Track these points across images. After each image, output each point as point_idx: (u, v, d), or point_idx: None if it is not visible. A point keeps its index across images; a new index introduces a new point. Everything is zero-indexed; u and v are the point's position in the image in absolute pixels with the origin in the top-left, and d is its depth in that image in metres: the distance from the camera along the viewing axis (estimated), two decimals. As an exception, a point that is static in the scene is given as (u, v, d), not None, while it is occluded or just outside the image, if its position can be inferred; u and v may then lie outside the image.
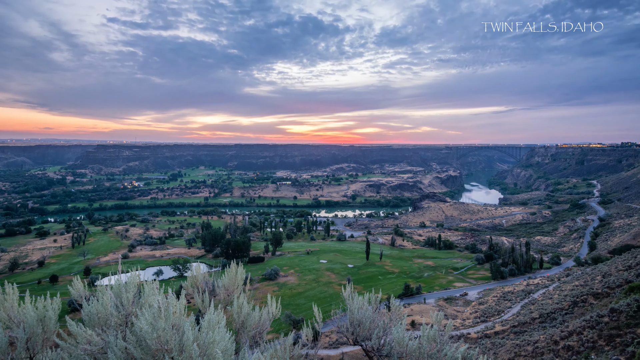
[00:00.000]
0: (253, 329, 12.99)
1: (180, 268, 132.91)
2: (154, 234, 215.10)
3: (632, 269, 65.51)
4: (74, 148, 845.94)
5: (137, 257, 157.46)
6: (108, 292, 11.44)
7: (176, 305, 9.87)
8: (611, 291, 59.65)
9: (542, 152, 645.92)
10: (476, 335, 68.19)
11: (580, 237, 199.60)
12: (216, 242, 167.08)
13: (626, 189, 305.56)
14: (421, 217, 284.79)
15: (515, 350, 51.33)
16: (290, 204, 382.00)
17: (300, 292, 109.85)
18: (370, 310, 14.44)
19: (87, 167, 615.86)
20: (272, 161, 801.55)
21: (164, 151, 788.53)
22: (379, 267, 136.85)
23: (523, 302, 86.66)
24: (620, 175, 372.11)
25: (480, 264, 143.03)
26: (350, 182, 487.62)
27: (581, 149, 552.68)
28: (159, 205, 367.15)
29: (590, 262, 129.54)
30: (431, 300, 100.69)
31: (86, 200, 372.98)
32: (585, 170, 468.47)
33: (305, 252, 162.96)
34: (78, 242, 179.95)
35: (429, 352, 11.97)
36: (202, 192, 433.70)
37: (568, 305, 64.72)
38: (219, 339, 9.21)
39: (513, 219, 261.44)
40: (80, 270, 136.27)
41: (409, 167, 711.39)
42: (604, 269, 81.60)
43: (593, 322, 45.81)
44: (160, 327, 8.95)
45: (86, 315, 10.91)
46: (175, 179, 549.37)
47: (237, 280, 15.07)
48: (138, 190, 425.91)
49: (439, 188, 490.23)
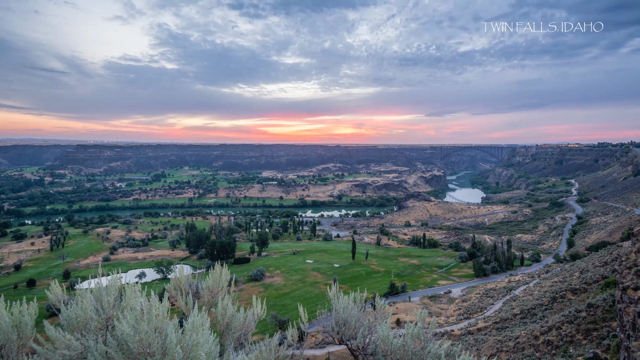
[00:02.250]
0: (238, 330, 12.90)
1: (163, 270, 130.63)
2: (137, 235, 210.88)
3: (608, 265, 67.80)
4: (52, 148, 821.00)
5: (119, 260, 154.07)
6: (88, 295, 11.18)
7: (159, 307, 9.72)
8: (588, 287, 61.59)
9: (523, 152, 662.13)
10: (459, 332, 69.36)
11: (559, 234, 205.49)
12: (201, 244, 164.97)
13: (602, 188, 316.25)
14: (406, 216, 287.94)
15: (497, 346, 52.43)
16: (276, 204, 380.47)
17: (286, 292, 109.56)
18: (355, 310, 14.53)
19: (66, 168, 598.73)
20: (258, 161, 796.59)
21: (147, 151, 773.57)
22: (364, 267, 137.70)
23: (505, 298, 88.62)
24: (597, 175, 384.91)
25: (464, 261, 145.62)
26: (337, 182, 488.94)
27: (560, 148, 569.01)
28: (142, 207, 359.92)
29: (569, 259, 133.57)
30: (416, 298, 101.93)
31: (65, 202, 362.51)
32: (564, 170, 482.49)
33: (292, 253, 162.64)
34: (57, 245, 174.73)
35: (413, 349, 12.12)
36: (187, 192, 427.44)
37: (548, 301, 66.52)
38: (203, 341, 9.12)
39: (495, 217, 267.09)
40: (59, 273, 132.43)
41: (394, 166, 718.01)
42: (582, 266, 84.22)
43: (571, 317, 47.22)
44: (143, 330, 8.80)
45: (65, 320, 10.63)
46: (158, 179, 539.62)
47: (222, 282, 14.92)
48: (120, 191, 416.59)
49: (423, 187, 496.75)
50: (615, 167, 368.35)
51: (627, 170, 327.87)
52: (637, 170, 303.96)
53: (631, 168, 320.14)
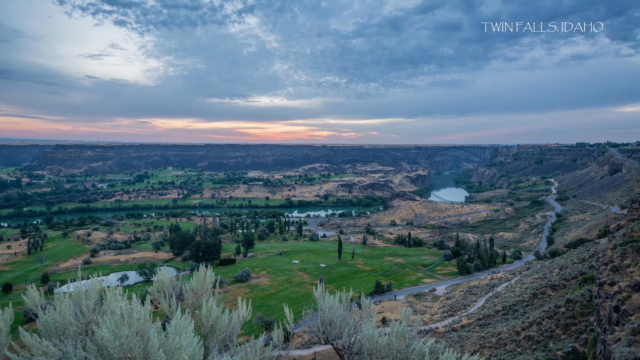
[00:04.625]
0: (222, 332, 12.76)
1: (146, 273, 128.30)
2: (119, 237, 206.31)
3: (585, 261, 69.95)
4: (30, 148, 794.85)
5: (100, 263, 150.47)
6: (66, 300, 10.87)
7: (140, 311, 9.53)
8: (567, 283, 63.41)
9: (504, 151, 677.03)
10: (444, 329, 70.38)
11: (540, 232, 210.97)
12: (185, 245, 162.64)
13: (580, 187, 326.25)
14: (392, 216, 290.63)
15: (480, 342, 53.40)
16: (262, 205, 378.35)
17: (272, 293, 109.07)
18: (341, 309, 14.56)
19: (44, 169, 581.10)
20: (243, 161, 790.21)
21: (129, 151, 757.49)
22: (350, 266, 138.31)
23: (487, 295, 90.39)
24: (575, 174, 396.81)
25: (448, 260, 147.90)
26: (323, 182, 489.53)
27: (540, 148, 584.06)
28: (124, 208, 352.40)
29: (549, 256, 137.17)
30: (401, 296, 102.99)
31: (44, 204, 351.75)
32: (544, 169, 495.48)
33: (278, 253, 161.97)
34: (35, 248, 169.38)
35: (398, 347, 12.23)
36: (171, 193, 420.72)
37: (529, 297, 68.17)
38: (186, 344, 8.98)
39: (478, 216, 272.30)
40: (37, 277, 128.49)
41: (380, 166, 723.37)
42: (561, 262, 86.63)
43: (551, 313, 48.50)
44: (123, 335, 8.61)
45: (42, 325, 10.30)
46: (141, 180, 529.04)
47: (206, 283, 14.73)
48: (101, 192, 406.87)
49: (409, 187, 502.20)
50: (592, 167, 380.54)
51: (603, 169, 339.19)
52: (613, 169, 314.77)
53: (607, 167, 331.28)
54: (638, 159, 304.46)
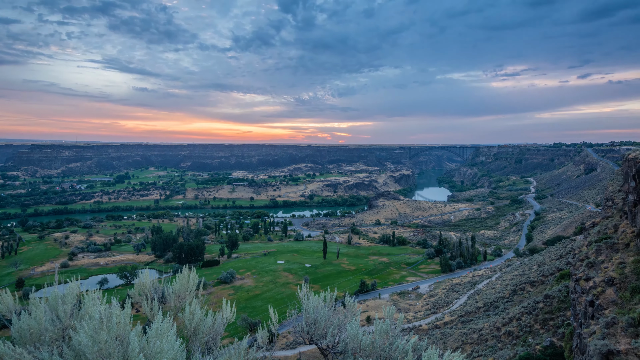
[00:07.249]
0: (206, 334, 12.60)
1: (127, 275, 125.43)
2: (98, 240, 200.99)
3: (563, 258, 72.19)
4: (3, 148, 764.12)
5: (78, 266, 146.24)
6: (42, 305, 10.52)
7: (120, 314, 9.31)
8: (545, 279, 65.31)
9: (485, 151, 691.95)
10: (427, 326, 71.40)
11: (519, 230, 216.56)
12: (167, 247, 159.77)
13: (558, 185, 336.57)
14: (376, 215, 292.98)
15: (462, 339, 54.42)
16: (247, 205, 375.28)
17: (257, 294, 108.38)
18: (325, 309, 14.59)
19: (19, 169, 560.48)
20: (228, 161, 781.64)
21: (109, 151, 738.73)
22: (336, 266, 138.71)
23: (469, 292, 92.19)
24: (553, 173, 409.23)
25: (431, 258, 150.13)
26: (308, 182, 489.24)
27: (519, 148, 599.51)
28: (104, 210, 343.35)
29: (528, 253, 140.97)
30: (386, 295, 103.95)
31: (19, 206, 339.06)
32: (523, 169, 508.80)
33: (263, 254, 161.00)
34: (9, 252, 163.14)
35: (381, 346, 12.34)
36: (153, 194, 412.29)
37: (509, 293, 69.88)
38: (168, 347, 8.83)
39: (460, 214, 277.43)
40: (11, 282, 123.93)
41: (364, 166, 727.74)
42: (539, 259, 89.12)
43: (530, 308, 49.86)
44: (102, 339, 8.40)
45: (16, 332, 9.94)
46: (122, 181, 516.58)
47: (189, 286, 14.50)
48: (80, 194, 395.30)
49: (393, 186, 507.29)
50: (569, 166, 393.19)
51: (579, 168, 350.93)
52: (589, 168, 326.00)
53: (583, 167, 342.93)
54: (612, 158, 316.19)
